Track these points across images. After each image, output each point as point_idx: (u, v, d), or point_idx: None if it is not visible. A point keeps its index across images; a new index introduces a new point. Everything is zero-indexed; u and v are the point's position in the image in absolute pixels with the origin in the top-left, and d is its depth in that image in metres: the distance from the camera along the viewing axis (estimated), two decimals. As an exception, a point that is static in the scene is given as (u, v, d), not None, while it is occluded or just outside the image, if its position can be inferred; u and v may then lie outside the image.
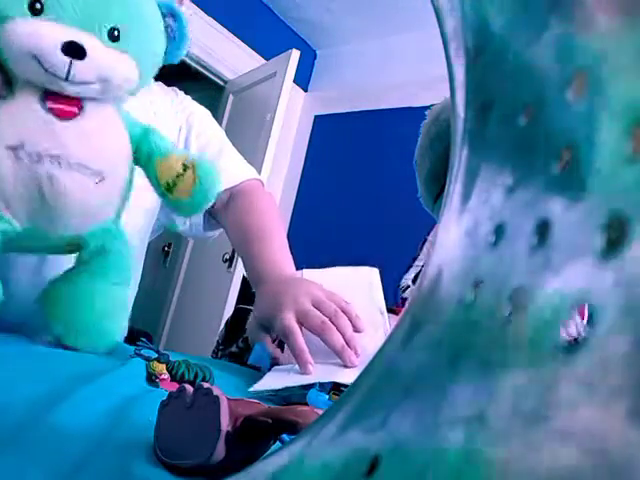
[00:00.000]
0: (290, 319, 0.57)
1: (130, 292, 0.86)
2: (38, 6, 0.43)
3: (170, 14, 0.52)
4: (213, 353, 0.85)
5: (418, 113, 0.87)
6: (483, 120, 0.15)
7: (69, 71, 0.44)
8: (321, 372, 0.53)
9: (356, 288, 0.64)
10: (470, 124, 0.16)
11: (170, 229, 0.86)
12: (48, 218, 0.47)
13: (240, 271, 2.46)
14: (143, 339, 0.55)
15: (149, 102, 0.74)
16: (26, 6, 0.43)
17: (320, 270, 0.67)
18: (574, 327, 0.11)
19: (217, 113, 2.74)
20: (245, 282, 2.56)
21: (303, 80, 3.16)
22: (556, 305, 0.11)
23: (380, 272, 0.66)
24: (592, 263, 0.11)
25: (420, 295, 0.17)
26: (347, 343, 0.56)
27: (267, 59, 2.75)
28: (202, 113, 0.86)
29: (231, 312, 0.93)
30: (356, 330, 0.58)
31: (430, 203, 0.84)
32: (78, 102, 0.47)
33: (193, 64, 2.79)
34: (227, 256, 2.49)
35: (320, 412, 0.22)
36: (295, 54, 2.44)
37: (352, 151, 2.94)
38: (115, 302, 0.53)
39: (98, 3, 0.45)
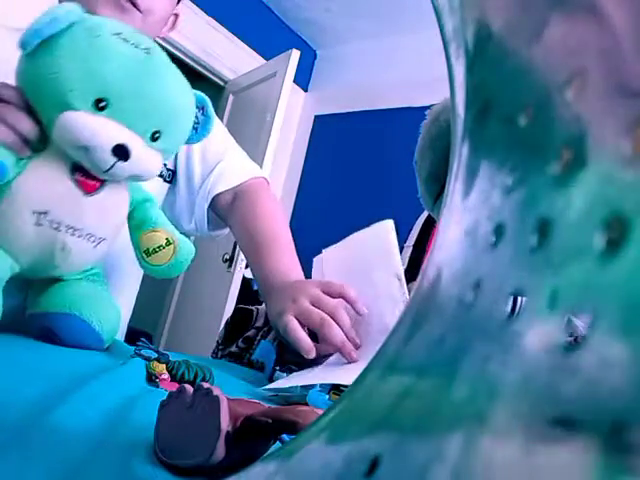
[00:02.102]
0: (290, 319, 0.58)
1: (131, 293, 0.87)
2: (102, 104, 0.47)
3: (201, 107, 0.58)
4: (213, 353, 0.85)
5: (418, 113, 0.87)
6: (483, 120, 0.15)
7: (110, 168, 0.49)
8: (334, 373, 0.54)
9: (371, 256, 0.64)
10: (470, 124, 0.16)
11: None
12: (48, 268, 0.53)
13: (240, 271, 2.46)
14: (143, 339, 0.55)
15: None
16: (92, 103, 0.47)
17: (336, 245, 0.68)
18: (574, 327, 0.11)
19: (217, 113, 2.73)
20: (245, 282, 2.56)
21: (303, 80, 3.16)
22: (556, 305, 0.11)
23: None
24: (592, 263, 0.11)
25: (420, 294, 0.17)
26: (346, 335, 0.57)
27: (267, 59, 2.75)
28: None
29: (231, 312, 0.93)
30: (357, 313, 0.59)
31: (430, 203, 0.84)
32: (102, 180, 0.52)
33: (193, 64, 2.79)
34: (227, 256, 2.48)
35: (320, 412, 0.22)
36: (295, 54, 2.44)
37: (352, 151, 2.94)
38: (108, 297, 0.58)
39: (152, 108, 0.50)
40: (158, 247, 0.55)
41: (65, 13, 0.46)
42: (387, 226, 0.65)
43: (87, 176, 0.50)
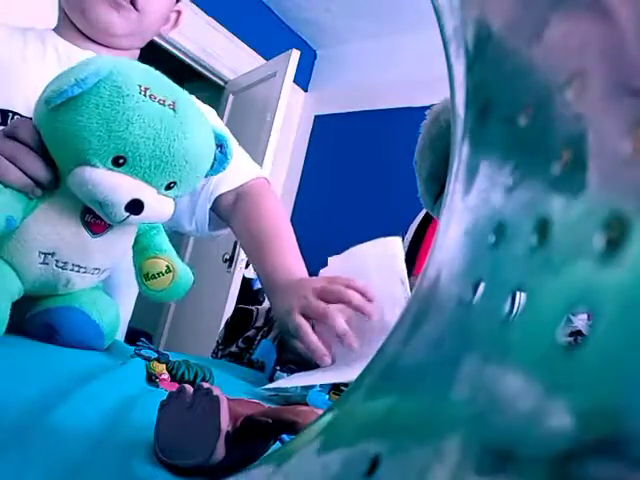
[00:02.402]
0: (297, 317, 0.59)
1: (131, 293, 0.87)
2: (121, 161, 0.47)
3: (219, 145, 0.57)
4: (213, 353, 0.85)
5: (418, 113, 0.87)
6: (483, 120, 0.15)
7: (123, 220, 0.49)
8: (335, 373, 0.54)
9: (377, 263, 0.65)
10: (470, 124, 0.16)
11: (176, 231, 0.87)
12: (50, 293, 0.54)
13: (240, 271, 2.46)
14: (143, 339, 0.55)
15: None
16: (110, 160, 0.47)
17: (341, 255, 0.69)
18: (574, 327, 0.11)
19: (217, 113, 2.74)
20: (245, 282, 2.56)
21: (303, 80, 3.16)
22: (556, 305, 0.11)
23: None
24: (592, 263, 0.11)
25: (420, 294, 0.17)
26: (359, 309, 0.57)
27: (267, 59, 2.75)
28: (204, 112, 0.85)
29: (231, 312, 0.93)
30: (368, 299, 0.59)
31: (430, 203, 0.84)
32: (108, 224, 0.52)
33: (193, 64, 2.79)
34: (227, 256, 2.48)
35: (320, 412, 0.22)
36: (295, 54, 2.44)
37: (352, 151, 2.94)
38: (107, 297, 0.58)
39: (171, 164, 0.50)
40: (158, 273, 0.55)
41: (94, 71, 0.46)
42: (395, 240, 0.66)
43: (97, 218, 0.51)
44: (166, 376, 0.46)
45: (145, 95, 0.47)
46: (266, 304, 0.86)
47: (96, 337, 0.53)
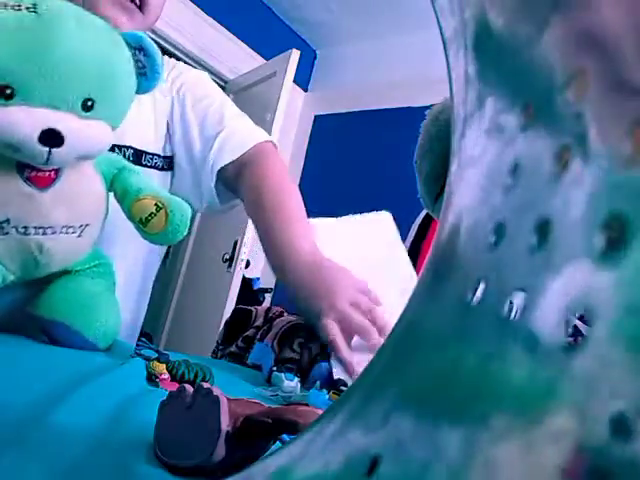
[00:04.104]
0: (333, 328, 0.58)
1: (144, 297, 0.87)
2: (8, 91, 0.41)
3: (139, 48, 0.50)
4: (213, 353, 0.85)
5: (418, 113, 0.87)
6: (483, 120, 0.15)
7: (48, 158, 0.43)
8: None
9: (374, 240, 0.64)
10: (470, 124, 0.16)
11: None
12: (39, 270, 0.51)
13: (240, 271, 2.46)
14: (143, 339, 0.55)
15: None
16: None
17: (331, 221, 0.67)
18: (574, 327, 0.11)
19: (217, 113, 2.73)
20: (245, 282, 2.56)
21: (303, 80, 3.16)
22: (556, 305, 0.11)
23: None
24: (592, 263, 0.11)
25: (421, 293, 0.17)
26: (373, 348, 0.57)
27: (267, 59, 2.75)
28: (193, 80, 0.82)
29: (231, 312, 0.93)
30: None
31: (430, 203, 0.85)
32: (55, 169, 0.47)
33: (193, 64, 2.79)
34: (227, 256, 2.48)
35: (320, 412, 0.22)
36: (295, 54, 2.44)
37: (352, 151, 2.93)
38: (108, 300, 0.56)
39: (68, 79, 0.43)
40: (150, 215, 0.51)
41: None
42: (384, 216, 0.66)
43: (37, 170, 0.46)
44: (166, 376, 0.46)
45: None
46: (266, 304, 0.86)
47: (91, 349, 0.52)
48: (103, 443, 0.28)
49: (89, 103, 0.45)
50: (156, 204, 0.52)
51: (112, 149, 0.75)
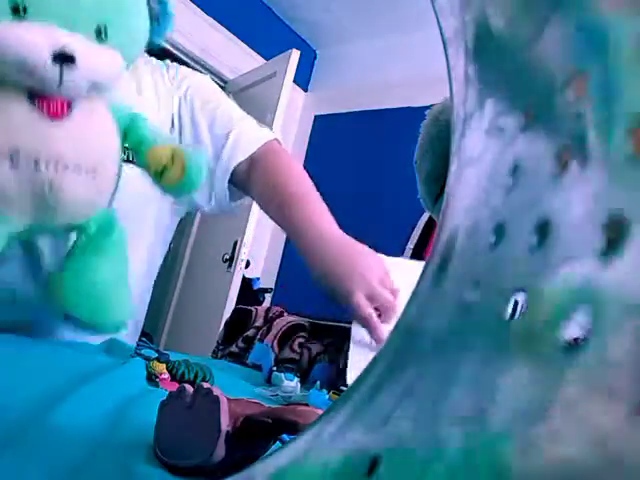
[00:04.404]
0: (365, 305, 0.59)
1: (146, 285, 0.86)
2: (22, 9, 0.41)
3: None
4: (213, 353, 0.85)
5: (418, 113, 0.87)
6: (483, 120, 0.15)
7: (61, 79, 0.43)
8: None
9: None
10: (470, 124, 0.16)
11: (195, 210, 0.85)
12: (49, 216, 0.48)
13: (240, 271, 2.46)
14: (143, 339, 0.55)
15: (134, 82, 0.72)
16: (9, 9, 0.41)
17: (407, 261, 0.69)
18: (575, 327, 0.11)
19: (217, 113, 2.73)
20: (245, 282, 2.56)
21: (303, 80, 3.16)
22: (556, 305, 0.11)
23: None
24: (592, 263, 0.11)
25: (419, 295, 0.17)
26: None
27: (267, 59, 2.75)
28: (198, 84, 0.83)
29: (231, 312, 0.93)
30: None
31: (430, 204, 0.85)
32: (67, 100, 0.46)
33: (193, 64, 2.79)
34: (227, 256, 2.48)
35: (320, 412, 0.22)
36: (295, 54, 2.44)
37: (352, 151, 2.93)
38: (119, 275, 0.54)
39: (83, 2, 0.44)
40: (165, 166, 0.50)
41: None
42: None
43: (49, 99, 0.44)
44: (166, 376, 0.46)
45: None
46: (266, 304, 0.86)
47: (100, 333, 0.51)
48: (103, 443, 0.28)
49: (103, 31, 0.45)
50: (172, 154, 0.50)
51: None
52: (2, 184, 0.44)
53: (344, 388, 0.54)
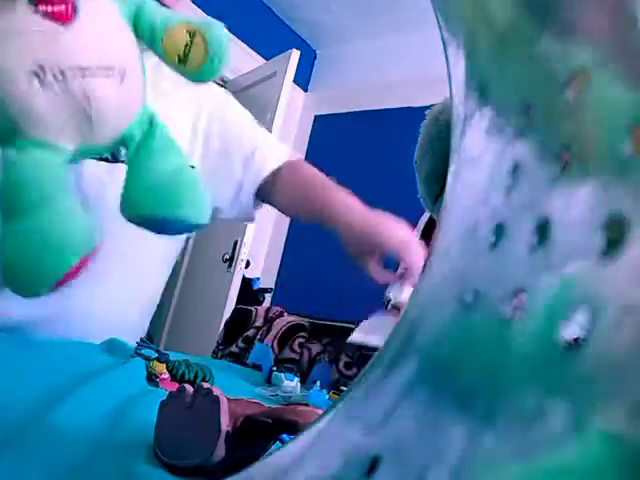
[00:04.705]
0: (407, 234, 0.68)
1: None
2: None
3: None
4: (213, 353, 0.85)
5: (418, 113, 0.87)
6: (483, 120, 0.15)
7: None
8: None
9: None
10: (470, 124, 0.16)
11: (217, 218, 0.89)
12: (94, 131, 0.45)
13: (240, 271, 2.46)
14: (143, 339, 0.55)
15: (157, 76, 0.73)
16: None
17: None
18: (575, 326, 0.11)
19: (217, 113, 2.73)
20: (245, 282, 2.56)
21: (303, 80, 3.16)
22: (557, 305, 0.11)
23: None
24: (592, 263, 0.11)
25: (421, 293, 0.17)
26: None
27: (267, 59, 2.75)
28: (220, 97, 0.89)
29: (231, 312, 0.93)
30: None
31: (430, 204, 0.84)
32: (70, 1, 0.42)
33: (193, 64, 2.79)
34: (227, 256, 2.48)
35: (320, 412, 0.22)
36: (295, 54, 2.44)
37: (352, 151, 2.93)
38: (182, 165, 0.49)
39: None
40: (185, 46, 0.46)
41: None
42: None
43: (52, 4, 0.40)
44: (166, 376, 0.46)
45: None
46: (266, 304, 0.86)
47: (191, 229, 0.47)
48: (103, 443, 0.28)
49: None
50: (188, 31, 0.46)
51: None
52: (39, 107, 0.40)
53: (344, 388, 0.54)
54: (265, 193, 0.87)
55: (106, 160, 0.71)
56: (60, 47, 0.42)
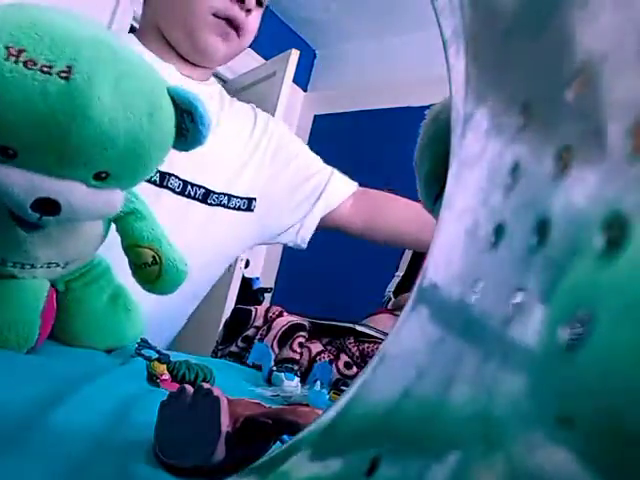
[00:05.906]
0: None
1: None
2: (11, 152, 0.36)
3: (187, 112, 0.42)
4: (213, 353, 0.85)
5: (418, 113, 0.87)
6: (483, 120, 0.15)
7: (38, 223, 0.40)
8: None
9: None
10: (470, 124, 0.16)
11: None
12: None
13: (240, 271, 2.46)
14: (144, 339, 0.55)
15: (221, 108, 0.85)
16: None
17: None
18: (574, 327, 0.11)
19: (217, 113, 2.73)
20: (245, 282, 2.56)
21: (303, 80, 3.16)
22: (556, 305, 0.11)
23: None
24: (592, 263, 0.11)
25: (421, 292, 0.17)
26: None
27: (267, 59, 2.75)
28: (282, 131, 0.97)
29: (230, 312, 0.93)
30: None
31: (430, 204, 0.84)
32: None
33: (193, 64, 2.79)
34: (227, 256, 2.48)
35: (320, 412, 0.22)
36: (295, 54, 2.44)
37: (352, 151, 2.93)
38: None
39: (82, 154, 0.37)
40: (143, 264, 0.50)
41: None
42: None
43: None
44: (167, 376, 0.46)
45: (17, 62, 0.34)
46: (265, 304, 0.86)
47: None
48: (103, 443, 0.28)
49: (103, 175, 0.40)
50: (153, 257, 0.50)
51: (184, 188, 0.80)
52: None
53: (344, 388, 0.54)
54: (343, 219, 0.94)
55: None
56: (12, 246, 0.44)
